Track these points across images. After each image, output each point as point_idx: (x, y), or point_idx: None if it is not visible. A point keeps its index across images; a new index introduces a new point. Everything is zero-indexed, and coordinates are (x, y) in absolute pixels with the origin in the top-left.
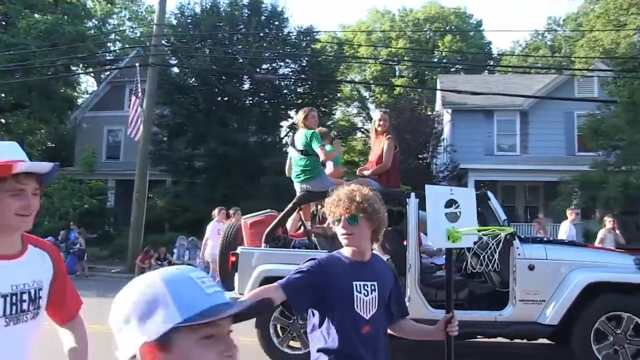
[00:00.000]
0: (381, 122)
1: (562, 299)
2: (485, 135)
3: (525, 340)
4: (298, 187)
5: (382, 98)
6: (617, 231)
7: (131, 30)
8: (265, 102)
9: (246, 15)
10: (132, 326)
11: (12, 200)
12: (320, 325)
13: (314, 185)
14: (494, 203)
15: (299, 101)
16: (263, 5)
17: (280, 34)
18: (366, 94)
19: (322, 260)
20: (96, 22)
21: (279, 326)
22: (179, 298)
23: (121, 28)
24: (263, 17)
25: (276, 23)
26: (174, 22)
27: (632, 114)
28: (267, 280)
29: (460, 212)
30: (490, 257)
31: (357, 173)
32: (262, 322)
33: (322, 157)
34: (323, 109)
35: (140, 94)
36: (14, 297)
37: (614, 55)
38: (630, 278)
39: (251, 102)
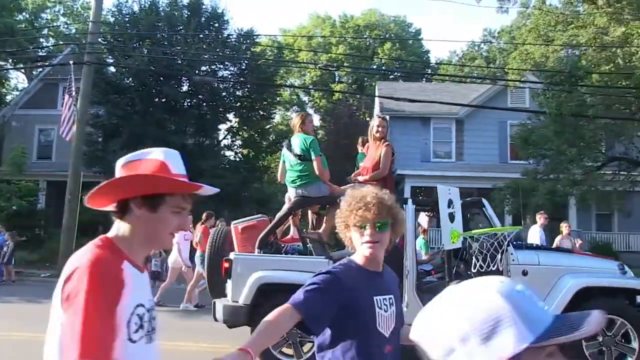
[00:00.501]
0: (379, 128)
1: (556, 302)
2: (422, 143)
3: None
4: (293, 192)
5: (322, 103)
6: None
7: (65, 26)
8: (204, 104)
9: (186, 15)
10: (472, 345)
11: (174, 218)
12: (334, 344)
13: (310, 191)
14: (489, 210)
15: (238, 104)
16: (203, 7)
17: (220, 36)
18: (305, 98)
19: (338, 272)
20: (27, 16)
21: None
22: (525, 315)
23: (55, 23)
24: (203, 19)
25: (216, 25)
26: (111, 19)
27: (559, 125)
28: (265, 286)
29: (454, 213)
30: (484, 261)
31: (351, 178)
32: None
33: (316, 170)
34: (262, 113)
35: (74, 93)
36: (152, 312)
37: (543, 69)
38: (619, 283)
39: (189, 104)
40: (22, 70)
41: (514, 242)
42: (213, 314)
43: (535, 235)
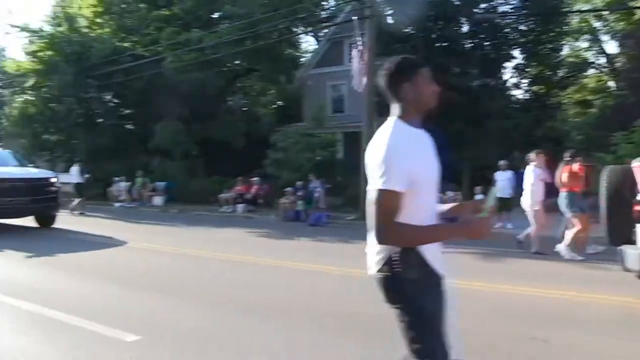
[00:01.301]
0: None
1: None
2: None
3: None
4: None
5: (618, 26)
6: None
7: None
8: (486, 43)
9: None
10: None
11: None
12: None
13: None
14: None
15: (523, 39)
16: None
17: None
18: (598, 24)
19: None
20: None
21: None
22: None
23: None
24: None
25: None
26: None
27: None
28: None
29: None
30: None
31: None
32: None
33: None
34: (549, 46)
35: (360, 47)
36: None
37: None
38: None
39: (471, 44)
40: (311, 34)
41: None
42: (623, 263)
43: None
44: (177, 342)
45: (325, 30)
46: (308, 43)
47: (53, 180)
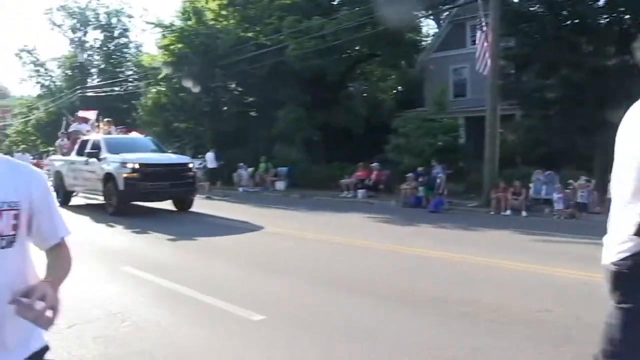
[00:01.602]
0: None
1: None
2: None
3: None
4: None
5: None
6: None
7: None
8: (626, 17)
9: None
10: None
11: None
12: None
13: None
14: None
15: None
16: None
17: None
18: None
19: None
20: None
21: None
22: None
23: None
24: None
25: None
26: None
27: None
28: None
29: None
30: None
31: None
32: None
33: None
34: None
35: (484, 28)
36: None
37: None
38: None
39: (607, 20)
40: (431, 17)
41: None
42: None
43: None
44: (299, 322)
45: (447, 13)
46: (429, 26)
47: (191, 165)
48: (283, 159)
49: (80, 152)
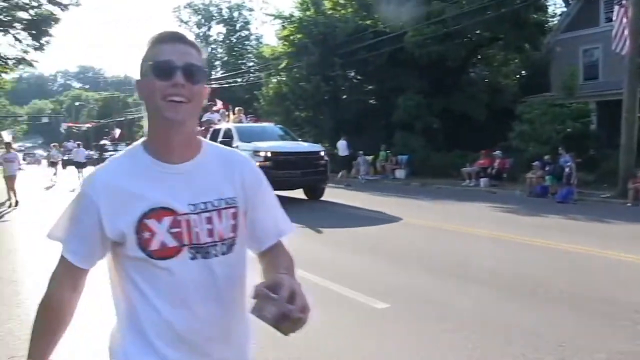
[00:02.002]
0: None
1: None
2: None
3: None
4: None
5: None
6: None
7: None
8: None
9: None
10: None
11: None
12: None
13: None
14: None
15: None
16: None
17: None
18: None
19: None
20: None
21: None
22: None
23: None
24: None
25: None
26: None
27: None
28: None
29: None
30: None
31: None
32: None
33: None
34: None
35: (623, 2)
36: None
37: None
38: None
39: None
40: None
41: None
42: None
43: None
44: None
45: None
46: (556, 5)
47: (322, 153)
48: (402, 146)
49: (212, 141)
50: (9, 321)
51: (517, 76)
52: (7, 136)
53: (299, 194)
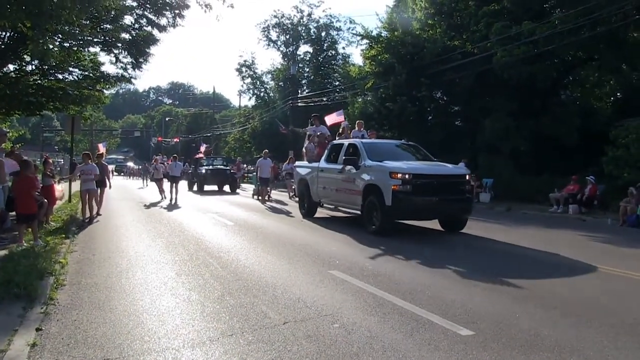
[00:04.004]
0: None
1: None
2: None
3: None
4: None
5: None
6: None
7: None
8: None
9: None
10: None
11: None
12: None
13: None
14: None
15: None
16: None
17: None
18: None
19: None
20: None
21: None
22: None
23: None
24: None
25: None
26: None
27: None
28: None
29: None
30: None
31: None
32: None
33: None
34: None
35: None
36: None
37: None
38: None
39: None
40: None
41: None
42: None
43: None
44: (510, 342)
45: None
46: None
47: (468, 177)
48: (488, 169)
49: (331, 158)
50: (103, 325)
51: (612, 98)
52: (102, 148)
53: (432, 224)
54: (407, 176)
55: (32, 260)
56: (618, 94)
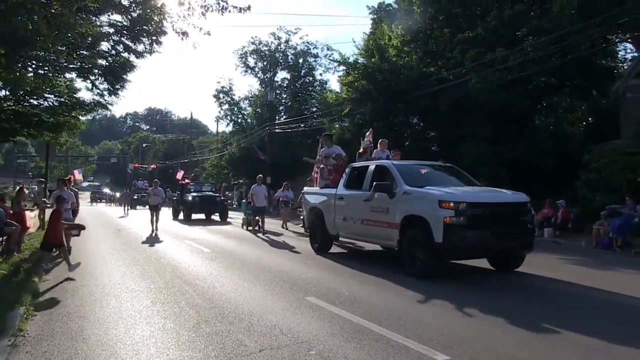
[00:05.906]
0: None
1: None
2: None
3: None
4: None
5: None
6: None
7: None
8: None
9: None
10: None
11: None
12: None
13: None
14: None
15: None
16: None
17: None
18: None
19: None
20: None
21: None
22: None
23: None
24: None
25: None
26: None
27: None
28: None
29: None
30: None
31: None
32: None
33: None
34: None
35: None
36: None
37: None
38: None
39: None
40: (629, 40)
41: None
42: None
43: None
44: None
45: None
46: (627, 50)
47: (529, 205)
48: None
49: (352, 184)
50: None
51: (584, 123)
52: (78, 175)
53: (477, 262)
54: (461, 205)
55: (1, 291)
56: (590, 118)
